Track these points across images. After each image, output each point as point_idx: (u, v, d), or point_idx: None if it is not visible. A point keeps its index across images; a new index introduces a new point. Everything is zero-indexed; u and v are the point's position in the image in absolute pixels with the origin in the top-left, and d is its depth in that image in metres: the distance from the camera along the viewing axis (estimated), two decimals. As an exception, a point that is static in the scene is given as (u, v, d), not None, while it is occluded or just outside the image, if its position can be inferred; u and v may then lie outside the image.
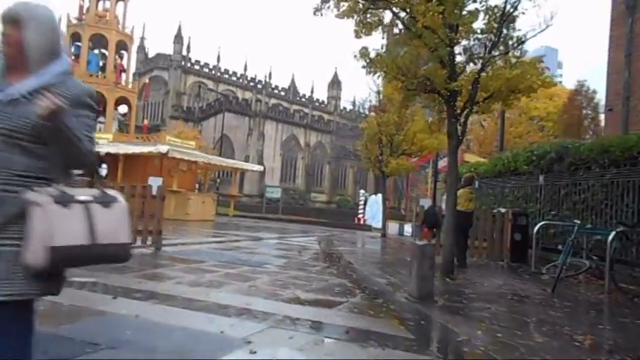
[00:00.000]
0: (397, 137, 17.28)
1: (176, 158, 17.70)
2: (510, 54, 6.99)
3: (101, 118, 21.31)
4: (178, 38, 58.28)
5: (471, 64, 7.43)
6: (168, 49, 59.49)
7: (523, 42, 7.09)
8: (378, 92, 17.59)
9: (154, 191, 7.98)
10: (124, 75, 22.60)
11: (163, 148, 17.17)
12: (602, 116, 45.42)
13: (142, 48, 63.05)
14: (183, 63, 58.39)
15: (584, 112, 42.22)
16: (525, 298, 5.80)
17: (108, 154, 18.78)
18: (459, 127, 7.43)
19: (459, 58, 7.31)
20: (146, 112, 57.92)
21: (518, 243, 9.58)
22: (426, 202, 9.34)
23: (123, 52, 22.74)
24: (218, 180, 33.58)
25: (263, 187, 43.94)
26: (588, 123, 42.41)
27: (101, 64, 22.24)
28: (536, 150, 10.48)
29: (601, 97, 44.25)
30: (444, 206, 9.76)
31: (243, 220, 24.11)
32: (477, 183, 11.40)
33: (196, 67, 60.05)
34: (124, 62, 22.83)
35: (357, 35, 7.75)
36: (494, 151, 31.29)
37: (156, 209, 8.04)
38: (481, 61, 7.18)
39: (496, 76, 6.86)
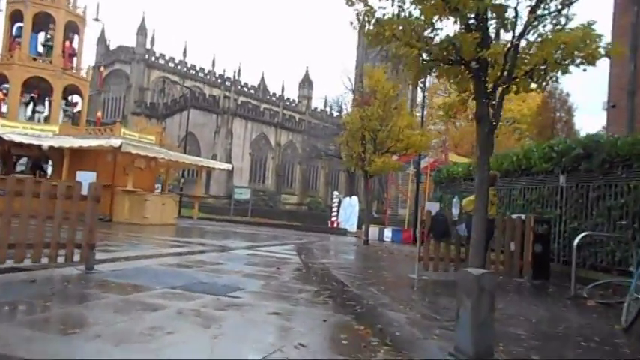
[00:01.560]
0: (381, 133, 15.61)
1: (131, 154, 15.47)
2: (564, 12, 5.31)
3: (40, 107, 18.77)
4: (142, 30, 55.25)
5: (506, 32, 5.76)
6: (131, 41, 56.28)
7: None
8: (362, 83, 15.86)
9: (84, 190, 5.92)
10: (75, 60, 20.06)
11: (116, 142, 14.92)
12: (575, 119, 45.11)
13: (102, 40, 59.60)
14: (146, 56, 55.38)
15: (557, 114, 42.06)
16: (604, 343, 4.12)
17: (51, 148, 16.35)
18: (491, 110, 5.75)
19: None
20: (106, 107, 54.56)
21: (539, 256, 7.99)
22: (433, 207, 7.56)
23: (74, 35, 20.20)
24: (182, 180, 31.17)
25: (231, 188, 41.64)
26: (561, 126, 42.25)
27: (43, 49, 19.68)
28: (557, 145, 8.94)
29: (574, 99, 43.98)
30: (454, 211, 8.08)
31: (209, 224, 21.95)
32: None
33: (161, 61, 57.11)
34: (75, 46, 20.28)
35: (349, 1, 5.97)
36: (472, 152, 30.20)
37: (87, 214, 5.99)
38: (521, 24, 5.51)
39: (548, 40, 5.18)
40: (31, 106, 18.78)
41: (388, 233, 21.53)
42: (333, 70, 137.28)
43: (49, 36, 19.80)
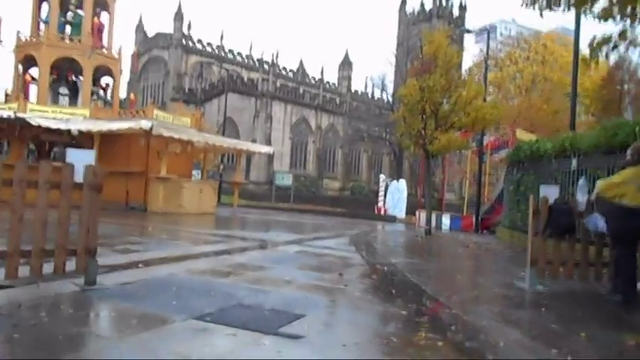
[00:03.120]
0: (444, 106, 13.49)
1: (164, 137, 13.99)
2: None
3: (62, 89, 17.58)
4: (178, 15, 54.29)
5: None
6: (169, 28, 55.48)
7: None
8: (421, 47, 13.68)
9: (79, 176, 4.24)
10: (105, 40, 18.77)
11: (146, 124, 13.46)
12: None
13: (140, 28, 59.21)
14: (184, 42, 54.47)
15: (625, 87, 38.21)
16: None
17: (81, 133, 15.10)
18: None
19: None
20: (145, 95, 54.24)
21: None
22: (552, 192, 5.42)
23: (103, 11, 18.88)
24: (221, 166, 29.89)
25: (271, 174, 40.25)
26: (630, 99, 38.39)
27: (71, 28, 18.46)
28: None
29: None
30: (580, 198, 5.93)
31: (249, 212, 20.47)
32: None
33: (198, 46, 56.13)
34: (105, 24, 18.96)
35: None
36: (533, 130, 27.27)
37: (84, 209, 4.32)
38: None
39: None
40: (62, 89, 17.62)
41: (446, 221, 19.40)
42: (372, 52, 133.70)
43: (75, 13, 18.55)
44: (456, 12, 75.75)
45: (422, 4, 79.73)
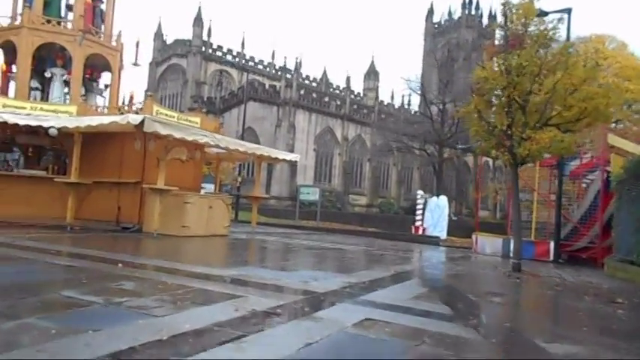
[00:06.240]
0: (535, 97, 9.89)
1: (161, 136, 10.63)
2: None
3: (33, 82, 14.49)
4: (198, 21, 51.95)
5: None
6: (188, 34, 53.16)
7: None
8: (505, 16, 10.08)
9: None
10: (101, 25, 15.69)
11: (135, 118, 10.10)
12: None
13: (159, 34, 57.14)
14: (203, 49, 51.99)
15: None
16: None
17: (63, 134, 11.88)
18: None
19: None
20: (163, 105, 51.73)
21: None
22: None
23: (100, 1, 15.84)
24: (239, 178, 26.58)
25: (294, 188, 36.79)
26: None
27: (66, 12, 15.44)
28: None
29: None
30: None
31: (270, 232, 16.95)
32: None
33: (218, 53, 53.61)
34: (103, 10, 15.91)
35: None
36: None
37: None
38: None
39: None
40: (33, 82, 14.48)
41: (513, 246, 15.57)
42: (397, 63, 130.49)
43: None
44: (485, 21, 72.23)
45: (449, 14, 76.39)
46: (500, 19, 10.93)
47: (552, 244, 14.57)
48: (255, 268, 7.73)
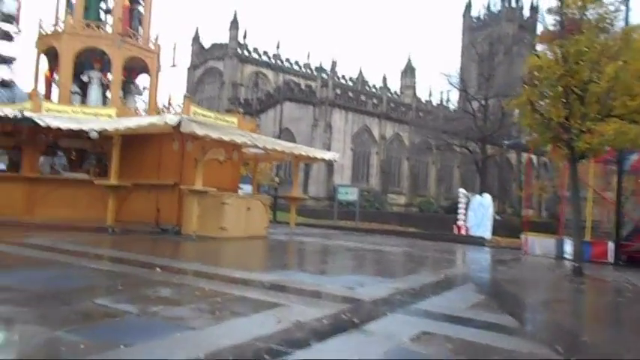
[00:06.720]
0: (594, 86, 9.07)
1: (198, 137, 10.43)
2: None
3: (73, 87, 14.62)
4: (234, 24, 52.36)
5: None
6: (224, 38, 53.70)
7: None
8: (560, 0, 9.32)
9: None
10: (139, 28, 15.75)
11: (172, 119, 9.94)
12: None
13: (197, 39, 58.00)
14: (239, 51, 52.36)
15: None
16: None
17: (104, 137, 11.89)
18: None
19: None
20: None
21: None
22: None
23: (138, 4, 15.91)
24: (276, 179, 26.41)
25: (332, 188, 36.35)
26: None
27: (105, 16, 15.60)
28: None
29: None
30: None
31: (309, 233, 16.60)
32: None
33: (254, 55, 53.90)
34: (142, 12, 15.98)
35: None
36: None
37: None
38: None
39: None
40: (73, 87, 14.63)
41: (568, 248, 14.61)
42: (435, 60, 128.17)
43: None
44: (526, 13, 69.65)
45: (488, 8, 74.11)
46: (554, 3, 10.14)
47: (611, 245, 13.55)
48: (296, 272, 7.35)
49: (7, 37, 29.35)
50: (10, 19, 30.25)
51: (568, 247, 14.48)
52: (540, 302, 5.99)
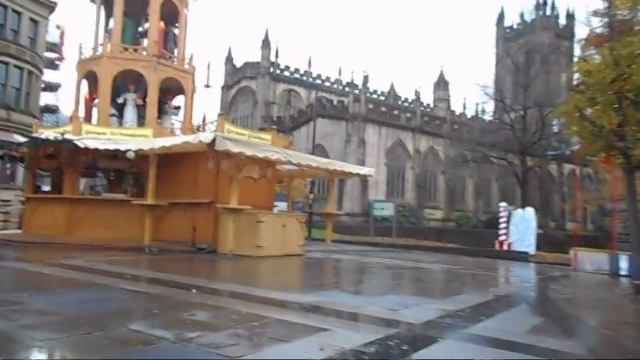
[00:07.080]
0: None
1: (232, 154, 10.36)
2: None
3: (111, 110, 14.93)
4: (266, 43, 53.21)
5: None
6: (257, 56, 54.63)
7: None
8: (609, 1, 8.81)
9: None
10: (174, 49, 16.03)
11: (207, 137, 9.91)
12: None
13: (229, 59, 59.21)
14: (271, 69, 53.06)
15: None
16: None
17: (140, 157, 12.01)
18: None
19: None
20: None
21: None
22: None
23: (173, 18, 16.22)
24: (311, 195, 26.23)
25: (366, 204, 35.88)
26: None
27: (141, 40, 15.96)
28: None
29: None
30: None
31: (345, 250, 16.24)
32: None
33: (286, 73, 54.53)
34: (176, 34, 16.28)
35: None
36: None
37: None
38: None
39: None
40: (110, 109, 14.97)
41: (624, 264, 13.71)
42: (467, 71, 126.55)
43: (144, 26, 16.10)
44: (562, 21, 67.81)
45: (522, 17, 72.58)
46: (599, 5, 9.64)
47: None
48: (335, 293, 7.03)
49: (53, 65, 30.59)
50: (55, 47, 31.63)
51: (623, 263, 13.61)
52: (605, 325, 5.47)
